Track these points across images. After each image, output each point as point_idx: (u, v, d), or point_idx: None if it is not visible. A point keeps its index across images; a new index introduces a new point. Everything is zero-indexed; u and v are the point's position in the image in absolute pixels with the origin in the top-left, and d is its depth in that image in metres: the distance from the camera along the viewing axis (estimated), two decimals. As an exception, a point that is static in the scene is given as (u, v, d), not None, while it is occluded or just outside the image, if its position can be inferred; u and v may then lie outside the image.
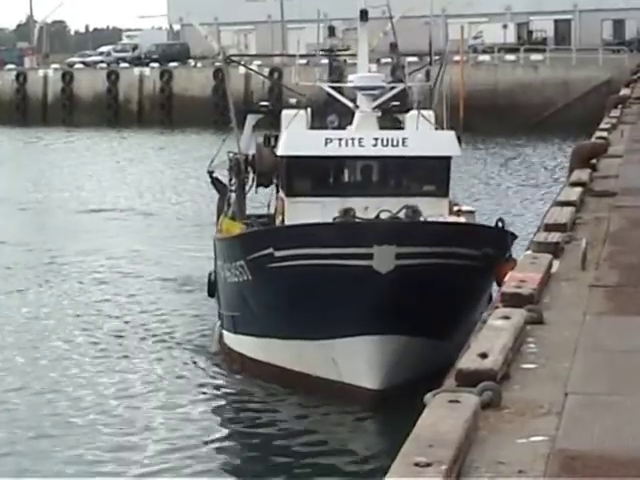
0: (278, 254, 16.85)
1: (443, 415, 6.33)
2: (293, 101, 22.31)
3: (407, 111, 21.42)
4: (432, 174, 20.13)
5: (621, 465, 6.06)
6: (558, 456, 6.20)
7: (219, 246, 20.18)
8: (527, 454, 6.23)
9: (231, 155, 22.92)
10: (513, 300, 9.39)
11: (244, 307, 18.79)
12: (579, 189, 16.25)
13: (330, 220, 17.57)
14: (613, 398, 7.24)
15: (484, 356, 7.58)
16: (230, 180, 22.70)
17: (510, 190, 41.69)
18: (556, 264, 11.32)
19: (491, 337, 8.09)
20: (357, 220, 17.40)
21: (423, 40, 26.25)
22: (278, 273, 16.96)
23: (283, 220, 20.02)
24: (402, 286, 15.56)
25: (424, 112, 20.69)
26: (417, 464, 5.60)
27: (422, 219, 17.69)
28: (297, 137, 20.46)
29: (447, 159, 20.06)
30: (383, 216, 17.41)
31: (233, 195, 22.40)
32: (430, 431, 6.08)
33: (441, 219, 18.94)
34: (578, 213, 14.60)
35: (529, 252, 11.88)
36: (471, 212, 21.45)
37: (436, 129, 20.98)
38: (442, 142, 20.07)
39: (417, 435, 6.05)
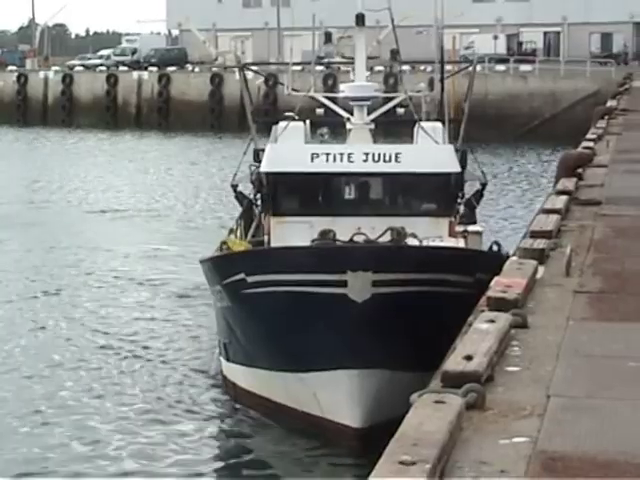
0: (250, 280, 15.33)
1: (428, 415, 6.34)
2: (290, 113, 20.60)
3: (414, 123, 19.72)
4: (428, 192, 18.56)
5: (601, 466, 6.08)
6: (539, 457, 6.22)
7: (202, 267, 18.38)
8: (509, 455, 6.24)
9: (253, 168, 20.65)
10: (498, 304, 9.39)
11: (231, 334, 17.39)
12: (565, 197, 16.26)
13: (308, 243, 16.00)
14: (594, 401, 7.26)
15: (469, 358, 7.59)
16: (255, 194, 20.63)
17: (497, 197, 41.71)
18: (541, 270, 11.33)
19: (476, 340, 8.10)
20: (330, 244, 15.65)
21: (415, 49, 26.11)
22: (251, 300, 15.45)
23: (269, 241, 18.53)
24: (380, 316, 14.07)
25: (431, 124, 19.36)
26: (402, 462, 5.60)
27: (405, 243, 15.78)
28: (281, 152, 18.83)
29: (445, 176, 18.40)
30: (358, 239, 15.50)
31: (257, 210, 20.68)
32: (415, 431, 6.08)
33: (437, 242, 17.33)
34: (563, 221, 14.61)
35: (515, 258, 11.90)
36: (478, 233, 19.32)
37: (451, 143, 19.46)
38: (440, 158, 18.49)
39: (402, 434, 6.06)
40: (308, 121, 20.45)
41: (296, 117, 20.35)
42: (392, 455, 5.74)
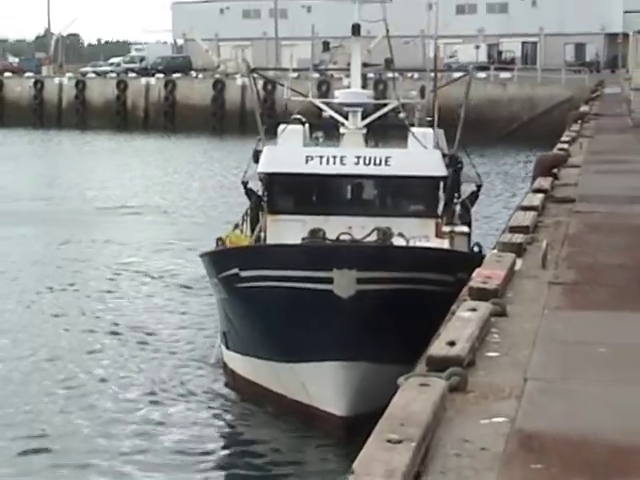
0: (243, 274, 15.26)
1: (414, 397, 6.34)
2: (297, 115, 20.30)
3: (406, 129, 19.26)
4: (416, 194, 18.38)
5: (573, 444, 6.09)
6: (517, 435, 6.22)
7: (202, 261, 18.22)
8: (489, 433, 6.25)
9: None
10: (479, 294, 9.40)
11: (229, 324, 17.31)
12: (541, 195, 16.29)
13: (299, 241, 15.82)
14: (567, 384, 7.26)
15: (452, 344, 7.59)
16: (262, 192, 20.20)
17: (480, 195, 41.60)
18: (519, 263, 11.34)
19: (459, 327, 8.10)
20: (318, 243, 15.50)
21: (402, 58, 26.00)
22: (245, 293, 15.38)
23: (265, 238, 18.41)
24: (364, 312, 13.94)
25: (422, 130, 19.05)
26: (389, 441, 5.60)
27: (390, 243, 15.58)
28: (277, 154, 18.64)
29: (432, 179, 18.20)
30: (344, 238, 15.27)
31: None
32: (402, 411, 6.09)
33: (424, 241, 17.23)
34: (540, 217, 14.62)
35: (495, 251, 11.90)
36: (464, 233, 19.00)
37: (450, 147, 19.21)
38: (428, 162, 18.24)
39: (390, 415, 6.06)
40: (307, 124, 20.17)
41: (304, 120, 20.18)
42: (380, 434, 5.75)
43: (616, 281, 10.68)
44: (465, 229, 19.20)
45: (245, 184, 20.57)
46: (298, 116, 20.28)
